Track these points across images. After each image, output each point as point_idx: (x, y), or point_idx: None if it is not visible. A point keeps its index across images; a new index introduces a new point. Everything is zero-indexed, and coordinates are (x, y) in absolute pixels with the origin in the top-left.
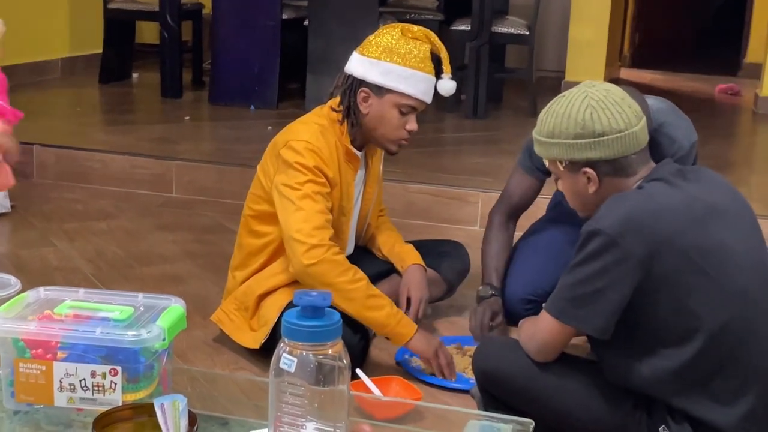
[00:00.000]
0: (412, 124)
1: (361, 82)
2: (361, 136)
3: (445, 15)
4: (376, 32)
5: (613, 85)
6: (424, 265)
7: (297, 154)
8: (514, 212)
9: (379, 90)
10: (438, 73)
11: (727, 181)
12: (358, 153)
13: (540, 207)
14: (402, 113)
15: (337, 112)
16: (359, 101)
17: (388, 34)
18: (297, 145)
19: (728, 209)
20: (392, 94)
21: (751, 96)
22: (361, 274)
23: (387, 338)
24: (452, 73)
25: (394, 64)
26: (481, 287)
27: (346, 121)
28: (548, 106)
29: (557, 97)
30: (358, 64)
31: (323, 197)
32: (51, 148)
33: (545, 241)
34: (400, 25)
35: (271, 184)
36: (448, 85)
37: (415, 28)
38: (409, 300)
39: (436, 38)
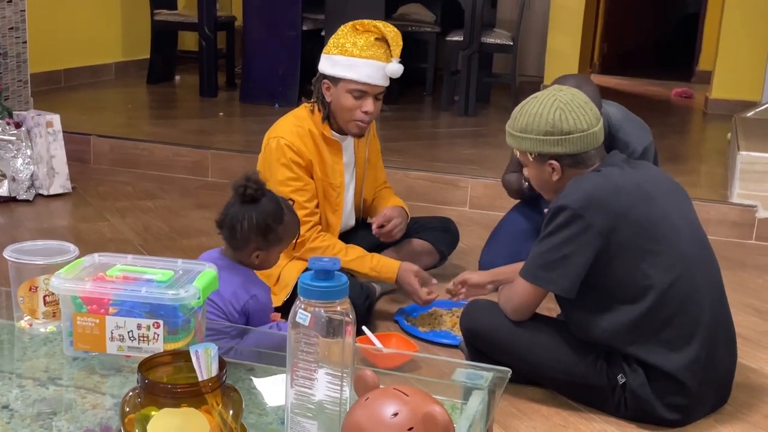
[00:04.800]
0: (367, 107)
1: (324, 76)
2: (334, 120)
3: (442, 28)
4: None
5: (577, 90)
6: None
7: (276, 152)
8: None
9: (333, 80)
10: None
11: (663, 171)
12: (337, 136)
13: None
14: (355, 97)
15: (310, 103)
16: (324, 91)
17: (340, 31)
18: (273, 143)
19: (668, 190)
20: (342, 81)
21: (702, 99)
22: (337, 248)
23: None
24: (442, 78)
25: (339, 56)
26: None
27: (319, 111)
28: (521, 105)
29: (529, 97)
30: (321, 61)
31: (304, 191)
32: (106, 138)
33: (513, 222)
34: (353, 21)
35: (262, 167)
36: (392, 68)
37: (366, 21)
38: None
39: (387, 27)
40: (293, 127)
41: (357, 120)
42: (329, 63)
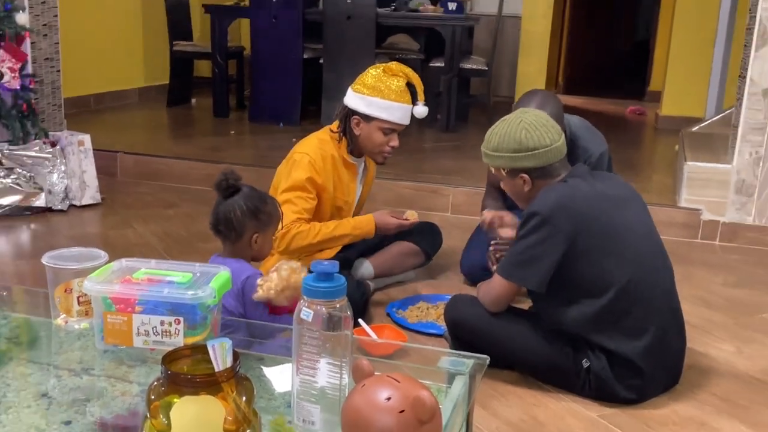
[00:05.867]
0: (394, 142)
1: (354, 112)
2: (357, 149)
3: (425, 55)
4: (364, 71)
5: (540, 111)
6: None
7: (297, 164)
8: (501, 191)
9: (366, 118)
10: (415, 100)
11: (623, 180)
12: (356, 160)
13: None
14: (385, 134)
15: (334, 133)
16: (352, 126)
17: (373, 73)
18: (297, 157)
19: (626, 198)
20: (376, 120)
21: (653, 115)
22: (318, 226)
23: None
24: (426, 100)
25: (376, 98)
26: None
27: (343, 139)
28: (492, 128)
29: (499, 120)
30: (350, 98)
31: (304, 200)
32: (131, 155)
33: None
34: (383, 65)
35: (278, 177)
36: (421, 110)
37: (395, 66)
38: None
39: (412, 73)
40: (318, 150)
41: (384, 152)
42: (364, 102)
